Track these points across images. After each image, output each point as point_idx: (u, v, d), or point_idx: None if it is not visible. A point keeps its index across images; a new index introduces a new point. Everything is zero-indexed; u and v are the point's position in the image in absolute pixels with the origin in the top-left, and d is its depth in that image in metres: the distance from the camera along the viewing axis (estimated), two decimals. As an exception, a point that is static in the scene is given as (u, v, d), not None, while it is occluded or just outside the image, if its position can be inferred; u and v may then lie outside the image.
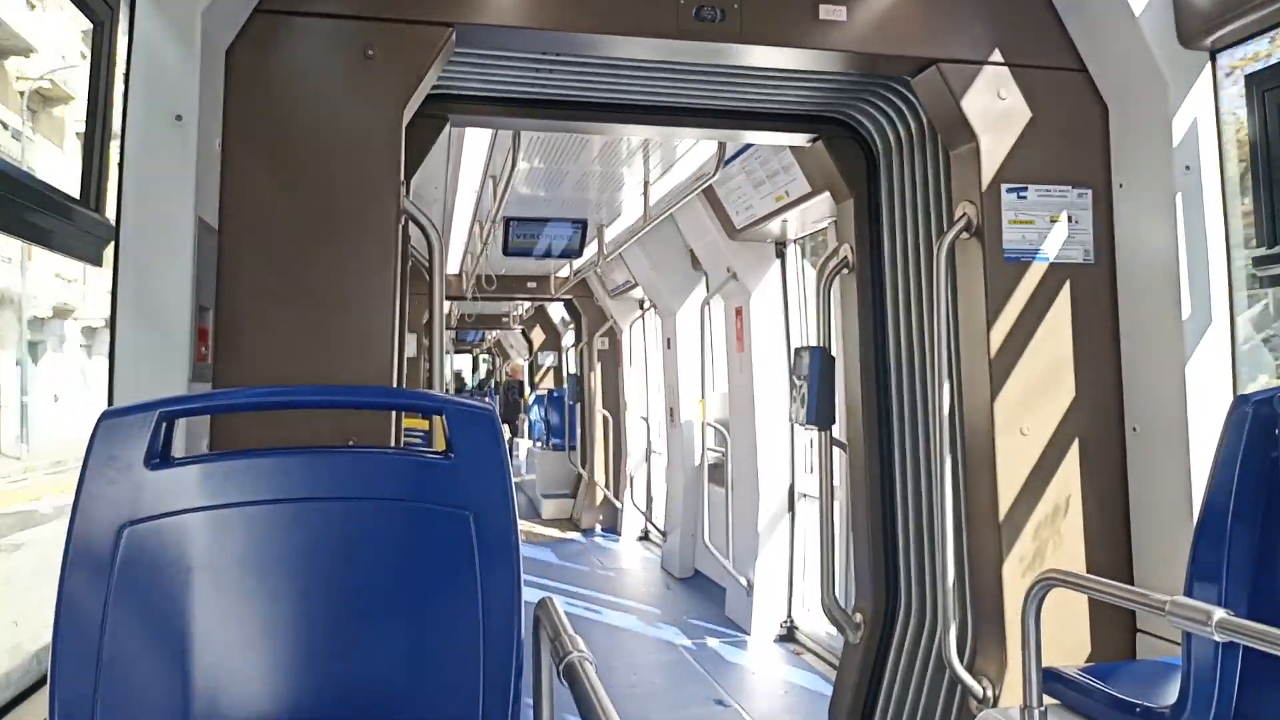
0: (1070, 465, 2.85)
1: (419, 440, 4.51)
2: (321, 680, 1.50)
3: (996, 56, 2.86)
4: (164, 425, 1.49)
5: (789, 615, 5.92)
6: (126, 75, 2.26)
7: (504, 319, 14.88)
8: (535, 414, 12.45)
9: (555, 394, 12.15)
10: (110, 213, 2.21)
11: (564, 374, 13.01)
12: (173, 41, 2.26)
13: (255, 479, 1.51)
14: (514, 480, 1.62)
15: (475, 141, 5.03)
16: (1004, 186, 2.86)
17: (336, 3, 2.56)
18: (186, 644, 1.45)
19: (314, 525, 1.52)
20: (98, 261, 2.19)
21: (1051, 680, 2.23)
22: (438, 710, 1.51)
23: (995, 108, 2.86)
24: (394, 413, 2.67)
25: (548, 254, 7.17)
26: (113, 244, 2.23)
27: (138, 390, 2.17)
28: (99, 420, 1.48)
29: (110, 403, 2.20)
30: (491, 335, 20.22)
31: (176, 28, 2.26)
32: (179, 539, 1.47)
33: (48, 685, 1.40)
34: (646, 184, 5.88)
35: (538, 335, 14.49)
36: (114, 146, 2.27)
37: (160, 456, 1.48)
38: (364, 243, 2.54)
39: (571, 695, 1.31)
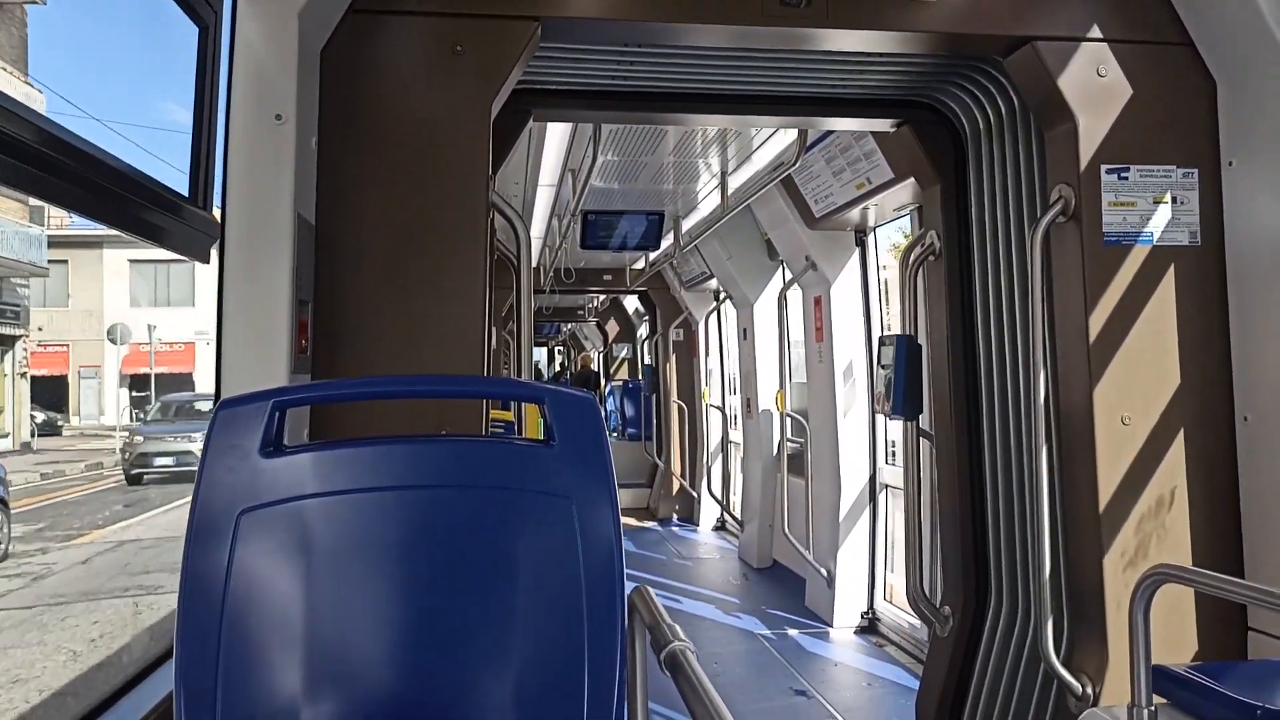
0: (1175, 456, 2.74)
1: (503, 431, 4.58)
2: (427, 663, 1.53)
3: (1095, 32, 2.75)
4: (278, 415, 1.54)
5: (870, 607, 5.85)
6: (229, 77, 2.34)
7: (579, 311, 15.01)
8: (611, 405, 12.51)
9: (631, 385, 12.18)
10: (217, 212, 2.30)
11: (639, 365, 13.04)
12: (271, 43, 2.33)
13: (363, 467, 1.55)
14: None
15: (554, 136, 5.08)
16: (1104, 168, 2.76)
17: (427, 0, 2.60)
18: (299, 625, 1.50)
19: (420, 512, 1.55)
20: (205, 259, 2.28)
21: (1160, 679, 2.15)
22: (542, 697, 1.52)
23: (1094, 86, 2.76)
24: (484, 403, 2.71)
25: (624, 246, 7.20)
26: (218, 241, 2.32)
27: (243, 381, 2.24)
28: (218, 409, 1.54)
29: (218, 393, 2.29)
30: (566, 328, 20.39)
31: (275, 30, 2.33)
32: (291, 524, 1.52)
33: (173, 659, 1.47)
34: (724, 174, 5.85)
35: (612, 327, 14.56)
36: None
37: (274, 445, 1.54)
38: (454, 236, 2.59)
39: (675, 684, 1.31)
